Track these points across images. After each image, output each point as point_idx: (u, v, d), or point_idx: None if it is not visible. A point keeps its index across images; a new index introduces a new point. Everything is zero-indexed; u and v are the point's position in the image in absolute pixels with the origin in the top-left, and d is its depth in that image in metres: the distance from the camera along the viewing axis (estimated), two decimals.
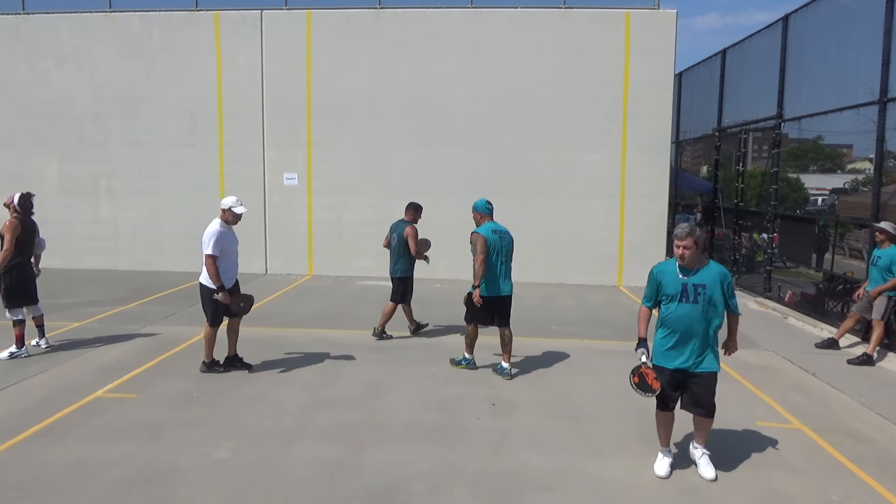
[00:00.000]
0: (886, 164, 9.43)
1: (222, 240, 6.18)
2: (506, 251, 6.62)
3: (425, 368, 6.94)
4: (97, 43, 13.28)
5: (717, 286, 4.29)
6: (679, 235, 4.29)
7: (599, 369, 7.04)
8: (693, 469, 4.62)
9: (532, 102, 12.63)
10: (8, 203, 7.13)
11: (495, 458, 4.75)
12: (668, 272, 4.38)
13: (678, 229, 4.30)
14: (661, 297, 4.42)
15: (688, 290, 4.28)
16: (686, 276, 4.31)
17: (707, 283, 4.29)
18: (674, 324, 4.34)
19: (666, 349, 4.40)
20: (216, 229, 6.17)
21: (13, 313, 7.03)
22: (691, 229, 4.26)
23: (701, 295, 4.27)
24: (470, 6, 12.73)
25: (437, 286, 12.20)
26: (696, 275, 4.30)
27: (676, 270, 4.35)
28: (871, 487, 4.38)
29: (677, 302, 4.32)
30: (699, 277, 4.30)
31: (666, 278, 4.38)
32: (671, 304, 4.35)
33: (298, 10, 12.93)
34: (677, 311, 4.32)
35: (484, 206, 6.73)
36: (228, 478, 4.36)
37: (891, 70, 8.19)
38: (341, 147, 13.04)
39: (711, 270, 4.33)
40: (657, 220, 12.68)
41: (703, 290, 4.28)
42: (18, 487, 4.17)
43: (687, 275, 4.31)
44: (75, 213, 13.52)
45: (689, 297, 4.28)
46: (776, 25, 11.27)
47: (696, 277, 4.30)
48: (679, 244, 4.29)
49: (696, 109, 16.02)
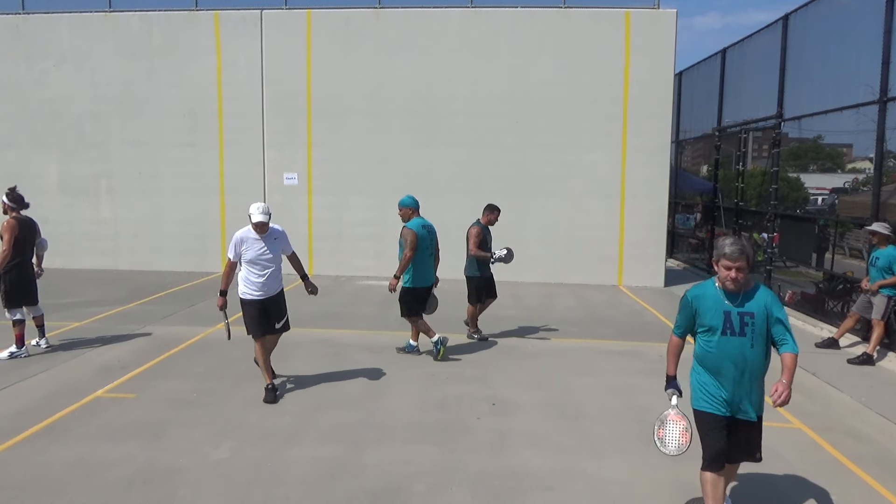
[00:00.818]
0: (886, 164, 9.42)
1: (241, 246, 5.84)
2: (433, 245, 7.34)
3: (425, 368, 6.95)
4: (97, 43, 13.27)
5: (767, 315, 3.51)
6: (730, 255, 3.43)
7: (600, 369, 7.04)
8: (693, 469, 4.61)
9: (532, 102, 12.63)
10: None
11: (495, 458, 4.75)
12: (707, 298, 3.59)
13: (727, 246, 3.47)
14: (698, 327, 3.65)
15: (732, 320, 3.50)
16: (730, 303, 3.52)
17: (756, 311, 3.50)
18: (715, 361, 3.57)
19: (707, 392, 3.63)
20: (238, 235, 5.89)
21: (13, 313, 7.03)
22: (742, 246, 3.44)
23: (749, 326, 3.48)
24: (470, 6, 12.73)
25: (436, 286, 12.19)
26: (742, 301, 3.51)
27: (718, 295, 3.56)
28: (870, 487, 4.38)
29: (719, 334, 3.53)
30: (745, 304, 3.51)
31: (704, 305, 3.58)
32: (712, 337, 3.57)
33: (298, 10, 12.93)
34: (720, 345, 3.54)
35: (412, 202, 7.22)
36: (228, 478, 4.36)
37: (891, 70, 8.19)
38: (341, 147, 13.04)
39: (759, 295, 3.54)
40: (657, 220, 12.68)
41: (751, 321, 3.49)
42: (18, 487, 4.17)
43: (732, 301, 3.53)
44: (75, 213, 13.51)
45: (735, 329, 3.50)
46: (776, 25, 11.27)
47: (742, 304, 3.51)
48: (731, 265, 3.44)
49: (696, 109, 16.02)
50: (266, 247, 5.88)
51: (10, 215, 7.03)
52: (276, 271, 6.01)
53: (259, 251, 5.85)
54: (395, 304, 10.50)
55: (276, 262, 5.99)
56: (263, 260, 5.86)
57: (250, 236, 5.84)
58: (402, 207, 7.24)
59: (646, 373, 6.94)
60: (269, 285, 5.94)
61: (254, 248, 5.85)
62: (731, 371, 3.54)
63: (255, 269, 5.87)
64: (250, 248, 5.83)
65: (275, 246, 5.95)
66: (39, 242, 7.35)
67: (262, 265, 5.88)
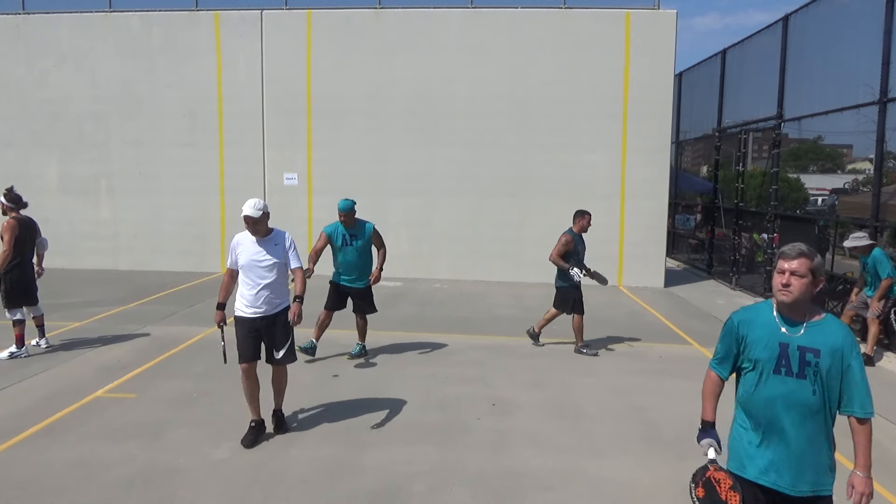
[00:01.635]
0: (886, 164, 9.43)
1: (236, 249, 5.01)
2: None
3: (425, 368, 6.94)
4: (97, 43, 13.27)
5: (838, 357, 2.58)
6: (787, 253, 2.63)
7: (600, 369, 7.04)
8: (693, 469, 4.60)
9: (532, 102, 12.63)
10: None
11: (495, 458, 4.75)
12: (759, 324, 2.69)
13: (786, 246, 2.67)
14: (744, 361, 2.77)
15: (789, 356, 2.59)
16: (789, 333, 2.61)
17: (823, 348, 2.56)
18: (762, 410, 2.67)
19: (751, 448, 2.72)
20: (235, 237, 5.08)
21: (13, 313, 7.02)
22: (808, 250, 2.61)
23: (811, 366, 2.56)
24: (470, 6, 12.73)
25: (436, 286, 12.21)
26: (806, 331, 2.59)
27: (773, 321, 2.66)
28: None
29: (770, 372, 2.63)
30: (810, 336, 2.59)
31: (754, 333, 2.69)
32: (760, 376, 2.67)
33: (298, 10, 12.93)
34: (769, 387, 2.64)
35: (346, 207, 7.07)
36: (228, 478, 4.36)
37: (891, 70, 8.20)
38: (341, 147, 13.04)
39: (830, 329, 2.60)
40: (657, 220, 12.68)
41: (814, 360, 2.57)
42: (18, 487, 4.17)
43: (791, 330, 2.62)
44: (75, 213, 13.51)
45: (792, 368, 2.59)
46: (776, 26, 11.29)
47: (806, 335, 2.59)
48: (785, 267, 2.60)
49: (696, 109, 16.03)
50: (263, 251, 4.95)
51: (9, 215, 7.03)
52: (275, 284, 4.96)
53: (253, 256, 4.93)
54: (395, 304, 10.55)
55: (275, 273, 4.96)
56: (259, 268, 4.91)
57: (246, 238, 5.02)
58: (351, 213, 7.09)
59: (646, 373, 6.94)
60: (264, 301, 4.92)
61: (248, 252, 4.96)
62: (780, 424, 2.62)
63: (249, 279, 4.92)
64: (244, 252, 4.96)
65: (276, 252, 4.99)
66: (40, 242, 7.35)
67: (257, 274, 4.90)
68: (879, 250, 7.47)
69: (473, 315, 9.73)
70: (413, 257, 13.03)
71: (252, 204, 4.87)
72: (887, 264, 7.33)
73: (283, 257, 5.03)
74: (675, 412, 5.73)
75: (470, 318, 9.49)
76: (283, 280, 5.07)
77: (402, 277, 12.75)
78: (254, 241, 4.98)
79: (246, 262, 4.93)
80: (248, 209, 4.85)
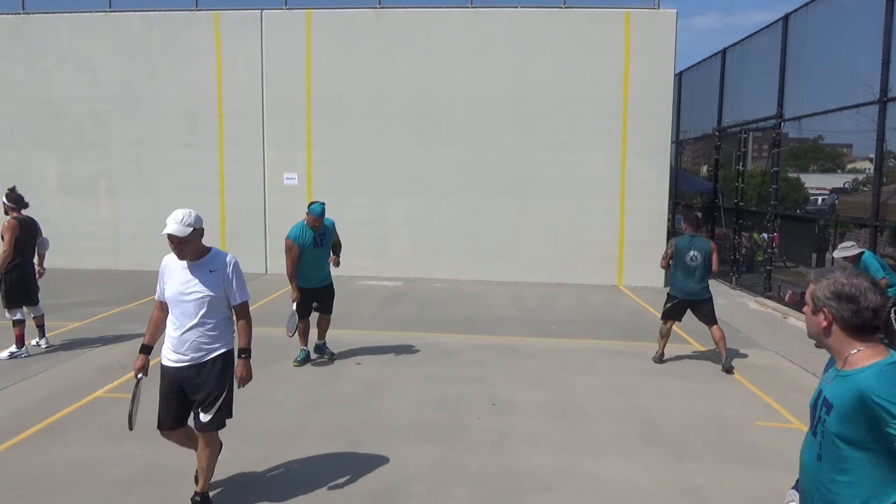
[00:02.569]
0: (886, 164, 9.43)
1: (163, 276, 3.85)
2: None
3: (425, 368, 6.94)
4: (97, 43, 13.27)
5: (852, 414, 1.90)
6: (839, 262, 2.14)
7: (600, 369, 7.04)
8: (693, 469, 4.62)
9: (532, 102, 12.63)
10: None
11: (495, 458, 4.75)
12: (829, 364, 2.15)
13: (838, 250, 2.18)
14: None
15: (816, 408, 2.10)
16: (826, 377, 2.12)
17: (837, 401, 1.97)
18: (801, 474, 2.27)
19: None
20: (164, 260, 3.88)
21: (13, 313, 7.02)
22: (819, 273, 2.08)
23: (821, 423, 2.03)
24: (470, 6, 12.73)
25: (437, 286, 12.21)
26: (837, 377, 2.03)
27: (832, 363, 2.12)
28: None
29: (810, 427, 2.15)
30: (837, 384, 2.00)
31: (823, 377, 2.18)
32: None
33: (298, 10, 12.93)
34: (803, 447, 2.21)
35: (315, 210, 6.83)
36: (229, 478, 4.36)
37: (891, 70, 8.20)
38: (341, 147, 13.04)
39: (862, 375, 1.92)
40: (657, 220, 12.68)
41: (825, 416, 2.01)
42: (18, 487, 4.17)
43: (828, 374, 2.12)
44: (75, 213, 13.51)
45: (812, 422, 2.13)
46: (776, 25, 11.28)
47: (835, 383, 2.02)
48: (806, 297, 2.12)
49: (696, 109, 16.03)
50: (193, 280, 3.70)
51: (10, 215, 7.03)
52: (207, 325, 3.74)
53: (180, 287, 3.71)
54: (395, 304, 10.56)
55: (207, 310, 3.71)
56: (185, 302, 3.70)
57: (176, 262, 3.78)
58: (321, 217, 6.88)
59: (646, 373, 6.94)
60: (191, 346, 3.74)
61: (175, 281, 3.74)
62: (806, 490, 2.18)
63: (174, 317, 3.77)
64: (172, 281, 3.76)
65: (211, 282, 3.72)
66: (41, 242, 7.35)
67: (183, 310, 3.71)
68: (868, 254, 7.43)
69: (473, 315, 9.73)
70: (413, 257, 13.04)
71: (179, 218, 3.60)
72: (878, 268, 7.33)
73: (221, 289, 3.75)
74: (675, 412, 5.73)
75: (470, 318, 9.49)
76: (222, 320, 3.81)
77: (402, 277, 12.76)
78: (184, 266, 3.73)
79: (172, 293, 3.74)
80: (172, 225, 3.58)
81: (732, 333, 8.90)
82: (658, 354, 7.36)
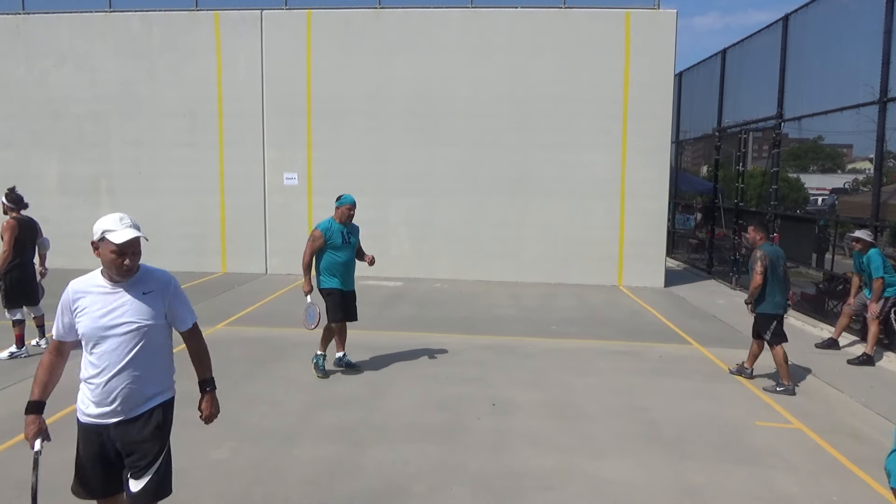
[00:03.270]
0: (886, 164, 9.43)
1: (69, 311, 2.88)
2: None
3: (425, 368, 6.95)
4: (97, 43, 13.27)
5: None
6: None
7: (600, 369, 7.04)
8: (693, 469, 4.62)
9: (532, 102, 12.63)
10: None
11: (495, 458, 4.75)
12: None
13: None
14: None
15: None
16: None
17: None
18: None
19: None
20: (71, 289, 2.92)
21: (13, 313, 7.03)
22: None
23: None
24: (470, 6, 12.73)
25: (437, 286, 12.21)
26: None
27: None
28: (871, 487, 4.38)
29: None
30: None
31: None
32: None
33: (298, 10, 12.93)
34: None
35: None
36: (228, 478, 4.36)
37: (891, 70, 8.20)
38: (341, 147, 13.04)
39: None
40: (657, 220, 12.68)
41: None
42: (18, 487, 4.17)
43: None
44: (75, 213, 13.50)
45: None
46: (776, 25, 11.28)
47: None
48: None
49: (696, 109, 16.03)
50: (125, 306, 2.84)
51: (10, 215, 7.03)
52: (145, 363, 2.90)
53: (106, 317, 2.81)
54: (395, 304, 10.55)
55: (136, 343, 2.84)
56: (117, 336, 2.81)
57: (93, 287, 2.86)
58: (352, 206, 6.72)
59: (646, 373, 6.94)
60: (122, 395, 2.88)
61: (96, 311, 2.81)
62: None
63: (96, 359, 2.85)
64: (90, 312, 2.81)
65: (145, 306, 2.87)
66: (41, 242, 7.35)
67: (114, 348, 2.82)
68: (875, 251, 7.49)
69: (473, 315, 9.73)
70: (413, 257, 13.04)
71: (128, 220, 2.87)
72: (879, 265, 7.36)
73: (161, 315, 2.93)
74: (675, 412, 5.74)
75: (470, 318, 9.49)
76: (161, 356, 3.00)
77: (402, 277, 12.76)
78: (106, 290, 2.84)
79: (91, 328, 2.80)
80: (128, 230, 2.81)
81: (732, 333, 8.91)
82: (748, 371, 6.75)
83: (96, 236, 2.81)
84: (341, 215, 6.66)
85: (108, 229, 2.78)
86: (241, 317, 9.34)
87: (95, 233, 2.81)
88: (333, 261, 6.59)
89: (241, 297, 10.82)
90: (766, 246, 6.62)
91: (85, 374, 2.95)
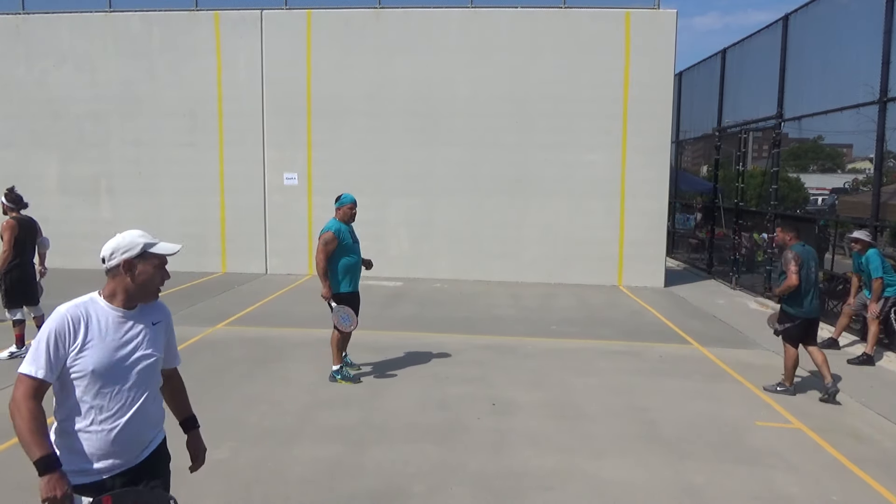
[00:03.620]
0: (886, 164, 9.43)
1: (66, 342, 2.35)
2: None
3: (425, 368, 6.95)
4: (97, 43, 13.27)
5: None
6: None
7: (600, 369, 7.04)
8: (693, 469, 4.62)
9: (532, 102, 12.63)
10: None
11: (495, 458, 4.75)
12: None
13: None
14: None
15: None
16: None
17: None
18: None
19: None
20: (60, 315, 2.43)
21: (13, 313, 7.03)
22: None
23: None
24: (470, 6, 12.73)
25: (437, 286, 12.21)
26: None
27: None
28: (871, 487, 4.38)
29: None
30: None
31: None
32: None
33: (298, 10, 12.93)
34: None
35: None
36: (228, 478, 4.36)
37: (891, 70, 8.20)
38: (341, 147, 13.04)
39: None
40: (657, 220, 12.68)
41: None
42: (18, 487, 4.17)
43: None
44: (75, 213, 13.51)
45: None
46: (776, 25, 11.29)
47: None
48: None
49: (696, 109, 16.03)
50: (137, 337, 2.48)
51: (9, 215, 7.03)
52: (156, 401, 2.57)
53: (119, 349, 2.40)
54: (395, 304, 10.56)
55: (151, 379, 2.53)
56: (128, 373, 2.41)
57: (100, 315, 2.44)
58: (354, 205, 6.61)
59: (646, 373, 6.94)
60: (134, 439, 2.44)
61: (108, 344, 2.38)
62: None
63: (98, 401, 2.34)
64: (99, 344, 2.36)
65: (157, 338, 2.58)
66: (41, 241, 7.35)
67: (123, 386, 2.39)
68: (875, 251, 7.50)
69: (473, 315, 9.74)
70: (413, 257, 13.04)
71: (149, 235, 2.68)
72: (878, 266, 7.37)
73: (163, 348, 2.63)
74: (675, 412, 5.74)
75: (470, 318, 9.49)
76: (159, 393, 2.65)
77: (402, 277, 12.76)
78: (118, 318, 2.45)
79: (103, 363, 2.34)
80: (161, 242, 2.68)
81: (732, 333, 8.91)
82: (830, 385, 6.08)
83: (134, 253, 2.50)
84: (344, 215, 6.58)
85: (149, 243, 2.57)
86: (241, 317, 9.34)
87: (131, 250, 2.51)
88: (347, 262, 6.49)
89: (241, 297, 10.82)
90: (798, 247, 6.30)
91: (82, 422, 2.33)
